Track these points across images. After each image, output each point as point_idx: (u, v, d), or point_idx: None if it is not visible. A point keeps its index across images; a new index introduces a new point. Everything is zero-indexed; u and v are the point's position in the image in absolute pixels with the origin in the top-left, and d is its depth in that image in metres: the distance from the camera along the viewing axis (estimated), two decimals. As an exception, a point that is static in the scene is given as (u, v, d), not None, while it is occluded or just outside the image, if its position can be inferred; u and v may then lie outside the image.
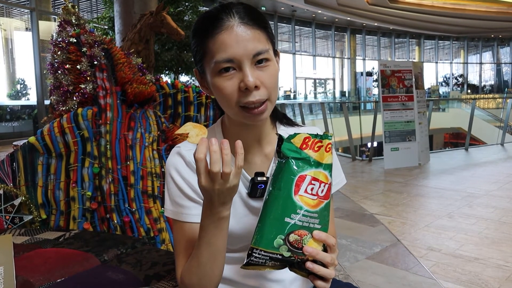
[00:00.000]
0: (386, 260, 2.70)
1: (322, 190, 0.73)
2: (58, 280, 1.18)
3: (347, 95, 25.49)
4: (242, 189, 0.89)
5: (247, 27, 0.78)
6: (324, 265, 0.72)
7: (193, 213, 0.86)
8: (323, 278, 0.72)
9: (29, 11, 10.92)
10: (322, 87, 25.64)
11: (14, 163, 1.72)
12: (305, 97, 23.53)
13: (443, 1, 20.16)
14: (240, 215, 0.88)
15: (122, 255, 1.40)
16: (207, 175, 0.70)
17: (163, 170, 1.87)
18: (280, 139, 0.74)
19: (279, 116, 0.98)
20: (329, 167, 0.74)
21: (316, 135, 0.75)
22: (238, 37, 0.77)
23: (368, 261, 2.71)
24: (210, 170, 0.69)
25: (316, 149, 0.74)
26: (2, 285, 1.06)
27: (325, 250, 0.73)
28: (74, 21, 2.00)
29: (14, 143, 4.68)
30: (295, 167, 0.73)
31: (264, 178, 0.85)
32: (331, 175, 0.74)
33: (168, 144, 1.93)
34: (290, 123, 0.98)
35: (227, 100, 0.80)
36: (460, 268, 2.55)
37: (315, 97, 24.24)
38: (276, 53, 0.86)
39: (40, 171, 1.72)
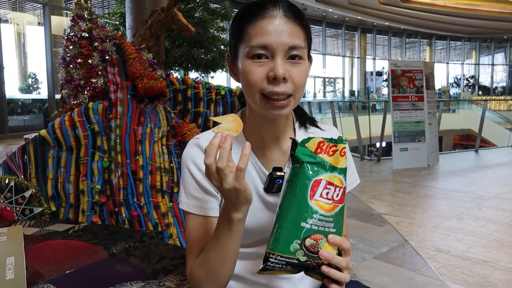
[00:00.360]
0: (394, 260, 2.69)
1: (337, 194, 0.72)
2: (67, 272, 1.19)
3: (356, 94, 25.36)
4: (259, 184, 0.89)
5: (289, 21, 0.79)
6: (339, 268, 0.72)
7: (208, 207, 0.85)
8: (337, 282, 0.73)
9: (41, 6, 11.02)
10: (332, 86, 25.55)
11: (25, 156, 1.74)
12: (314, 96, 23.46)
13: (456, 1, 19.94)
14: (255, 210, 0.87)
15: (130, 248, 1.41)
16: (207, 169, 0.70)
17: (171, 165, 1.88)
18: (294, 143, 0.74)
19: (301, 115, 0.97)
20: (344, 172, 0.73)
21: (330, 139, 0.74)
22: (278, 27, 0.78)
23: (375, 260, 2.70)
24: (204, 161, 0.69)
25: (331, 153, 0.73)
26: (13, 274, 1.07)
27: (339, 253, 0.73)
28: (86, 16, 2.01)
29: (25, 136, 4.73)
30: (310, 172, 0.72)
31: (282, 173, 0.84)
32: (345, 179, 0.74)
33: (177, 140, 1.94)
34: (312, 124, 0.97)
35: (252, 85, 0.80)
36: (468, 270, 2.53)
37: (324, 95, 24.16)
38: (309, 58, 0.86)
39: (50, 164, 1.74)
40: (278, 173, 0.84)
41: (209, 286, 0.80)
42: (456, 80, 30.36)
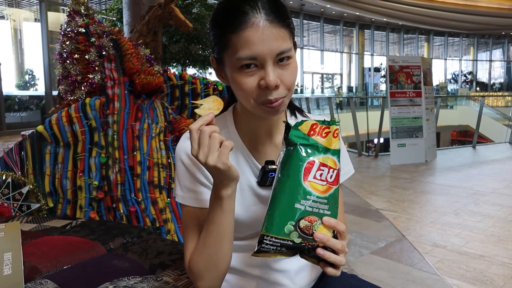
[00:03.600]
0: (391, 256, 2.70)
1: (331, 176, 0.73)
2: (65, 267, 1.19)
3: (354, 90, 25.37)
4: (252, 178, 0.89)
5: (273, 25, 0.76)
6: (334, 251, 0.71)
7: (203, 198, 0.85)
8: (333, 265, 0.72)
9: (38, 2, 10.96)
10: (330, 82, 25.54)
11: (23, 152, 1.74)
12: (312, 92, 23.46)
13: (454, -3, 19.94)
14: (249, 204, 0.88)
15: (128, 244, 1.41)
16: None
17: (169, 161, 1.88)
18: (288, 126, 0.74)
19: (291, 107, 0.97)
20: (337, 153, 0.74)
21: (323, 121, 0.75)
22: (264, 36, 0.76)
23: (372, 256, 2.71)
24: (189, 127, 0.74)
25: (323, 135, 0.74)
26: (11, 270, 1.07)
27: (335, 237, 0.73)
28: (83, 11, 2.00)
29: (22, 133, 4.72)
30: (303, 154, 0.72)
31: (275, 167, 0.85)
32: (339, 161, 0.74)
33: (174, 135, 1.94)
34: (303, 115, 0.98)
35: (246, 95, 0.80)
36: (465, 265, 2.55)
37: (322, 91, 24.17)
38: (294, 45, 0.85)
39: (47, 159, 1.73)
40: (271, 167, 0.85)
41: (209, 274, 0.80)
42: (454, 76, 30.37)
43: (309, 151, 0.73)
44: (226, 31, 0.78)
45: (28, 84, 12.49)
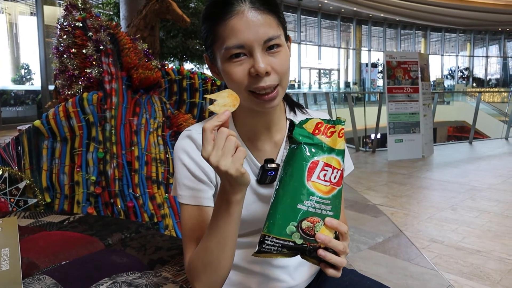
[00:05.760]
0: (388, 251, 2.71)
1: (335, 177, 0.71)
2: (63, 263, 1.19)
3: (351, 86, 25.37)
4: (251, 176, 0.87)
5: (258, 12, 0.76)
6: (336, 252, 0.71)
7: (202, 196, 0.84)
8: (334, 266, 0.71)
9: (33, -5, 10.87)
10: (327, 77, 25.53)
11: (19, 147, 1.72)
12: (310, 87, 23.45)
13: (451, -8, 19.95)
14: (249, 202, 0.86)
15: (126, 239, 1.40)
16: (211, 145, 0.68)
17: (167, 156, 1.87)
18: (292, 124, 0.73)
19: (290, 103, 0.96)
20: (341, 153, 0.72)
21: (328, 121, 0.73)
22: (249, 22, 0.75)
23: (370, 251, 2.71)
24: (203, 126, 0.69)
25: (329, 134, 0.72)
26: (8, 266, 1.06)
27: (336, 237, 0.72)
28: (80, 5, 1.98)
29: (18, 127, 4.69)
30: (307, 153, 0.71)
31: (274, 165, 0.83)
32: (343, 161, 0.73)
33: (173, 130, 1.93)
34: (302, 110, 0.97)
35: (237, 85, 0.78)
36: (462, 260, 2.56)
37: (319, 87, 24.16)
38: (287, 38, 0.84)
39: (45, 155, 1.72)
40: (270, 165, 0.83)
41: (208, 278, 0.78)
42: (450, 72, 30.43)
43: (313, 150, 0.71)
44: (214, 23, 0.78)
45: (24, 79, 12.41)
